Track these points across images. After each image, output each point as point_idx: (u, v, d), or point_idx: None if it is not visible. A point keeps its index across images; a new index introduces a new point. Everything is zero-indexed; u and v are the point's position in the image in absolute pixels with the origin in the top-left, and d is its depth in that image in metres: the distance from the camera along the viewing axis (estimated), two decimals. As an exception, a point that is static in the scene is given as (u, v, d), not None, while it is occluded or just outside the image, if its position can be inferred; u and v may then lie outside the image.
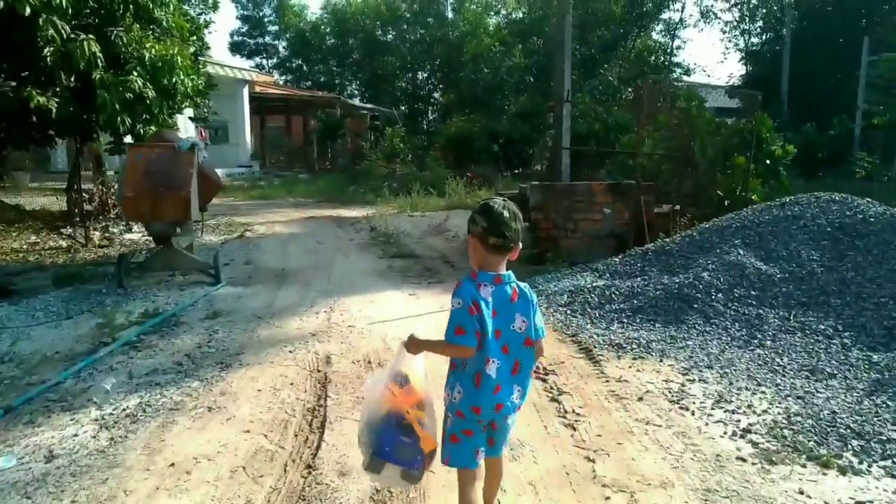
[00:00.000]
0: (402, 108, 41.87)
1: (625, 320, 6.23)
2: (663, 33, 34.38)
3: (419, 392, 2.69)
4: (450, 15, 43.92)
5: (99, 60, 9.98)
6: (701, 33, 66.27)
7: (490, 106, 32.77)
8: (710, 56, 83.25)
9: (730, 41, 33.98)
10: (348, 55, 47.08)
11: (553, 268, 8.53)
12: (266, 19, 50.42)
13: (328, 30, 47.89)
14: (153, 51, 10.85)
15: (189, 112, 16.93)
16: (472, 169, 22.46)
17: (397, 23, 44.90)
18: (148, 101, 10.73)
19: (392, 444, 2.60)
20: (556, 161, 10.55)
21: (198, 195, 8.22)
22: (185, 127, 26.47)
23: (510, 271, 2.64)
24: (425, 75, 46.04)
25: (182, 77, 11.25)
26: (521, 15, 33.85)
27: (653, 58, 32.36)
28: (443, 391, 2.70)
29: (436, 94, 46.42)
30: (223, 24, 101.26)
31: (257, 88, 32.52)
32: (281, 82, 46.48)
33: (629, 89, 30.35)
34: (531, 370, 2.68)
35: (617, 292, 6.80)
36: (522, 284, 2.66)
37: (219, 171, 27.62)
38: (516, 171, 26.29)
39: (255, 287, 8.25)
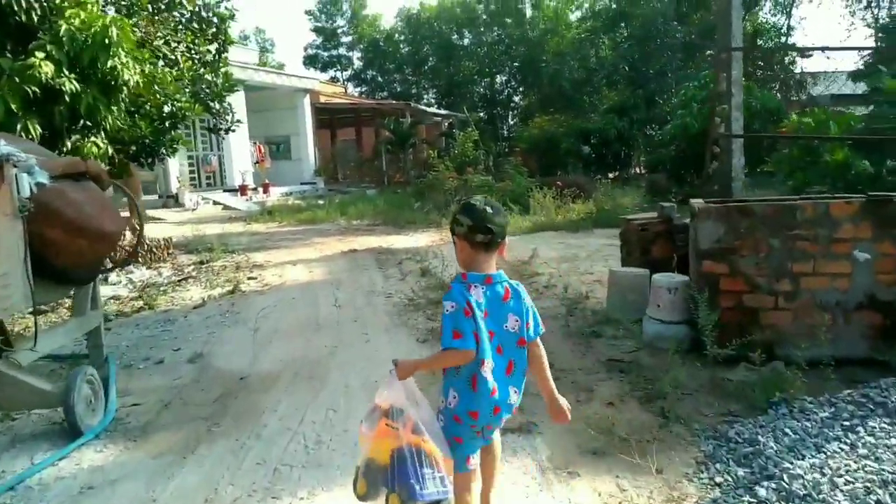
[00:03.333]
0: (481, 113, 37.40)
1: None
2: (773, 11, 28.37)
3: (413, 419, 2.36)
4: (528, 13, 39.20)
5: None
6: (819, 8, 56.31)
7: (577, 103, 27.83)
8: (831, 36, 72.85)
9: (852, 14, 27.50)
10: (424, 62, 43.03)
11: (769, 382, 3.76)
12: (340, 30, 46.98)
13: (402, 38, 44.03)
14: (76, 20, 6.74)
15: (229, 123, 12.98)
16: (560, 176, 17.73)
17: (473, 25, 40.57)
18: (66, 98, 6.66)
19: (422, 481, 2.28)
20: (726, 158, 5.73)
21: (45, 258, 3.95)
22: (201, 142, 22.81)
23: (501, 270, 2.43)
24: (504, 78, 41.50)
25: (125, 60, 7.05)
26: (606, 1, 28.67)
27: (761, 40, 26.52)
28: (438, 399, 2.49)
29: (516, 98, 41.78)
30: (297, 37, 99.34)
31: (322, 99, 28.68)
32: (356, 94, 42.94)
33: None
34: (524, 371, 2.44)
35: None
36: (514, 282, 2.44)
37: (278, 190, 24.16)
38: (613, 176, 21.39)
39: (146, 448, 3.85)
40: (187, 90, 10.84)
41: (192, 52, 11.45)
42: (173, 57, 10.77)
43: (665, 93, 22.82)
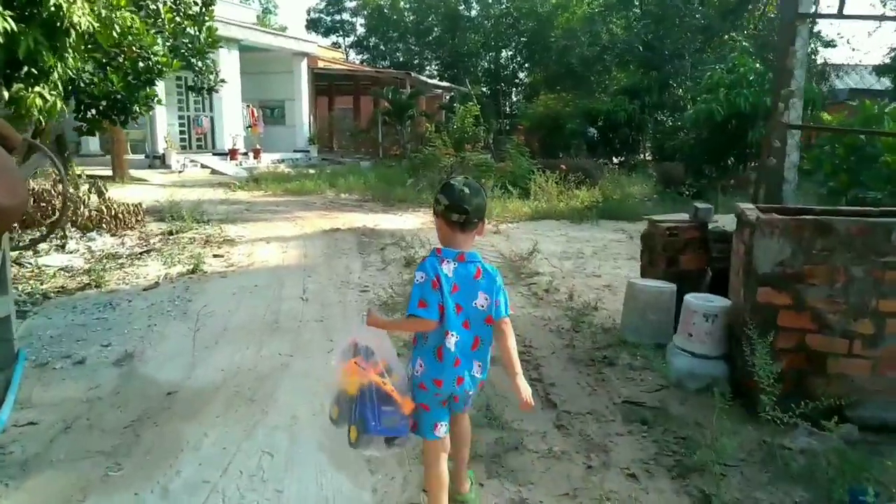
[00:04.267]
0: (484, 88, 36.07)
1: None
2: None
3: (384, 360, 2.48)
4: (539, -15, 37.68)
5: None
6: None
7: (585, 83, 26.63)
8: (858, 29, 69.17)
9: (884, 5, 26.32)
10: (428, 33, 41.52)
11: (850, 463, 2.81)
12: (344, -5, 45.29)
13: (408, 6, 42.45)
14: (9, -56, 5.65)
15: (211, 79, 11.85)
16: (564, 159, 16.71)
17: (482, -5, 39.07)
18: (1, 39, 5.58)
19: (377, 417, 2.40)
20: (780, 153, 4.71)
21: None
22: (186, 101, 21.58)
23: (476, 250, 2.48)
24: (510, 53, 40.00)
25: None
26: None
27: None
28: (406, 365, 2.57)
29: (521, 74, 40.37)
30: (302, 0, 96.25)
31: (320, 64, 27.44)
32: (357, 62, 41.52)
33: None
34: (490, 347, 2.53)
35: None
36: (489, 265, 2.50)
37: (270, 157, 22.99)
38: (618, 162, 20.33)
39: (15, 500, 2.89)
40: (167, 44, 9.80)
41: (177, 2, 10.39)
42: (154, 7, 9.73)
43: (680, 76, 21.62)
